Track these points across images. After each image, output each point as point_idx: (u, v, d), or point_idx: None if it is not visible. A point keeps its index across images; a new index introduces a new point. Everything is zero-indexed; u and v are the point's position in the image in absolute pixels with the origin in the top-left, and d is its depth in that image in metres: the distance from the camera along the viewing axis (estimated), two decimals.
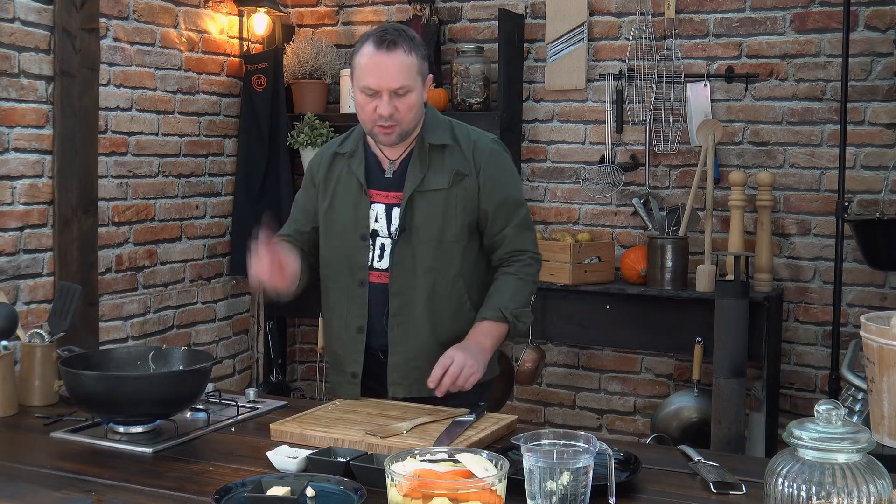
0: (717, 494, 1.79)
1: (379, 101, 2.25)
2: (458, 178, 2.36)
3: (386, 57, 2.24)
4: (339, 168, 2.44)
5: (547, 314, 4.04)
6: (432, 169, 2.36)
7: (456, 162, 2.37)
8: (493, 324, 2.37)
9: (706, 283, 3.76)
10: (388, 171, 2.40)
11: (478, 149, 2.39)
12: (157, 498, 1.74)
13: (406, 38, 2.27)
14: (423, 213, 2.35)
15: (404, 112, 2.27)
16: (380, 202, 2.39)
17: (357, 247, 2.39)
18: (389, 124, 2.28)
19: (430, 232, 2.35)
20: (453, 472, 1.53)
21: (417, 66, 2.28)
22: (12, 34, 3.35)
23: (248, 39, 4.51)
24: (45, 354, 2.35)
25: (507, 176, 2.44)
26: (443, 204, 2.35)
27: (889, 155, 3.76)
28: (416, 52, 2.28)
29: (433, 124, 2.39)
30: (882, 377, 2.19)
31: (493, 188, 2.39)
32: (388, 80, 2.24)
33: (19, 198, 3.42)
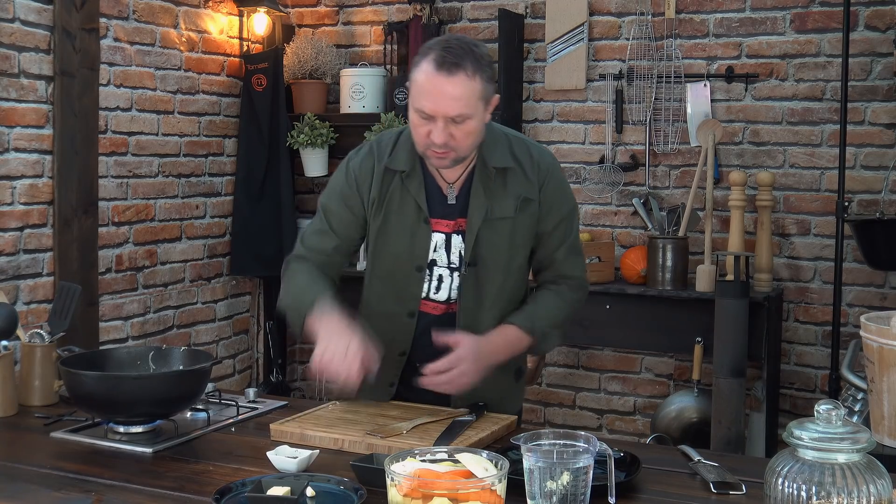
0: (717, 494, 1.78)
1: (433, 126, 2.03)
2: (525, 204, 2.19)
3: (445, 80, 2.00)
4: (394, 187, 2.20)
5: None
6: (497, 195, 2.17)
7: (520, 186, 2.18)
8: (519, 333, 2.21)
9: (706, 283, 3.76)
10: (449, 197, 2.20)
11: (541, 170, 2.21)
12: (157, 498, 1.74)
13: (471, 58, 2.02)
14: (489, 245, 2.19)
15: (461, 139, 2.05)
16: (440, 231, 2.21)
17: (411, 278, 2.22)
18: (443, 151, 2.06)
19: (496, 263, 2.20)
20: (453, 472, 1.53)
21: (480, 90, 2.03)
22: (12, 34, 3.35)
23: (248, 39, 4.51)
24: (45, 354, 2.35)
25: (564, 195, 2.27)
26: (509, 233, 2.19)
27: (889, 155, 3.76)
28: (481, 73, 2.03)
29: (492, 143, 2.18)
30: (882, 377, 2.19)
31: (552, 209, 2.23)
32: (445, 107, 2.01)
33: (19, 198, 3.42)
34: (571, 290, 2.32)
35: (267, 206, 4.37)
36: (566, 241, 2.28)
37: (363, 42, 4.61)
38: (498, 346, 2.20)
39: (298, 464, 1.84)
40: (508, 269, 2.23)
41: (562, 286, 2.31)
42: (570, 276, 2.31)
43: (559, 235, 2.27)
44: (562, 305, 2.30)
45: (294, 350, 4.85)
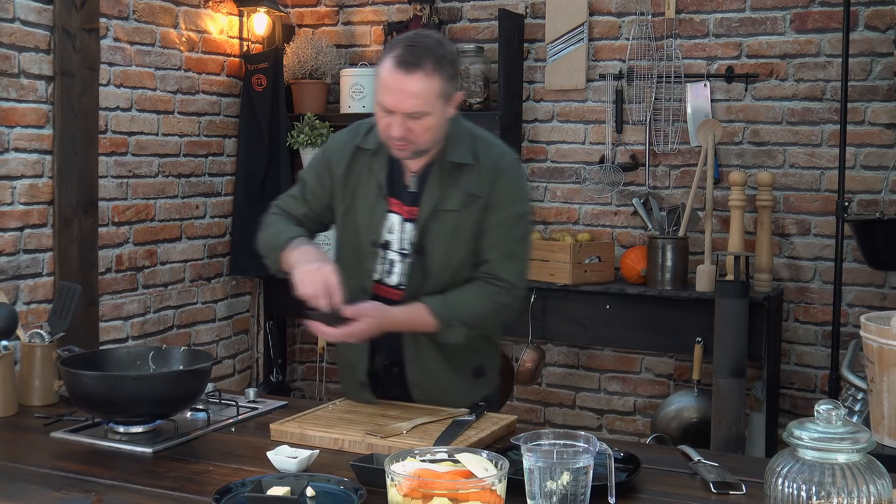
0: (717, 494, 1.79)
1: (393, 120, 2.13)
2: (471, 200, 2.24)
3: (404, 78, 2.10)
4: (361, 166, 2.31)
5: (547, 314, 4.04)
6: (449, 189, 2.25)
7: (472, 183, 2.25)
8: (427, 315, 2.22)
9: (706, 283, 3.76)
10: (411, 184, 2.28)
11: (496, 169, 2.26)
12: (157, 498, 1.74)
13: (432, 57, 2.11)
14: (434, 235, 2.25)
15: (419, 133, 2.15)
16: (397, 212, 2.29)
17: (367, 253, 2.30)
18: (402, 143, 2.17)
19: (440, 254, 2.26)
20: (453, 472, 1.53)
21: (439, 88, 2.12)
22: (12, 34, 3.35)
23: (248, 39, 4.51)
24: (45, 354, 2.35)
25: (514, 198, 2.29)
26: (453, 226, 2.25)
27: (889, 155, 3.76)
28: (441, 72, 2.11)
29: (456, 139, 2.25)
30: (882, 377, 2.19)
31: (496, 207, 2.26)
32: (403, 104, 2.11)
33: (19, 198, 3.42)
34: (500, 293, 2.27)
35: (267, 206, 4.33)
36: (504, 243, 2.28)
37: (363, 42, 4.61)
38: (400, 319, 2.24)
39: (298, 464, 1.84)
40: (449, 262, 2.27)
41: (490, 286, 2.28)
42: (500, 279, 2.27)
43: (497, 235, 2.27)
44: (484, 304, 2.27)
45: (294, 350, 4.85)
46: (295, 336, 4.86)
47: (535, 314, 4.03)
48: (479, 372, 2.42)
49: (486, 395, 2.42)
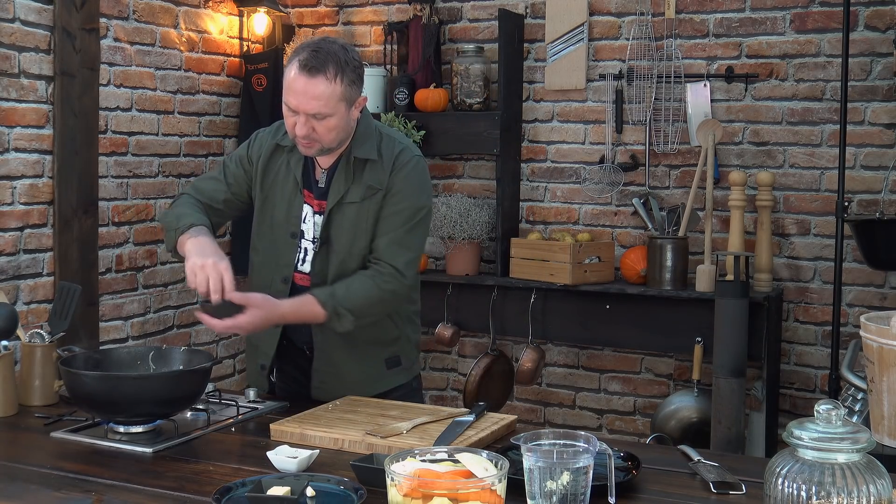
0: (717, 494, 1.79)
1: (297, 119, 2.26)
2: (371, 192, 2.37)
3: (306, 81, 2.23)
4: (279, 162, 2.45)
5: (547, 314, 4.04)
6: (353, 183, 2.38)
7: (374, 176, 2.37)
8: (315, 305, 2.31)
9: (706, 283, 3.76)
10: (320, 180, 2.42)
11: (396, 163, 2.39)
12: (157, 498, 1.74)
13: (333, 62, 2.24)
14: (338, 226, 2.38)
15: (322, 133, 2.27)
16: (309, 203, 2.42)
17: (286, 244, 2.43)
18: (306, 142, 2.29)
19: (342, 244, 2.38)
20: (453, 472, 1.53)
21: (341, 93, 2.25)
22: (12, 34, 3.35)
23: (248, 39, 4.51)
24: (45, 354, 2.35)
25: (410, 191, 2.40)
26: (355, 217, 2.37)
27: (889, 155, 3.76)
28: (343, 77, 2.24)
29: (363, 136, 2.39)
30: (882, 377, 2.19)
31: (392, 198, 2.38)
32: (306, 105, 2.24)
33: (19, 198, 3.42)
34: (386, 280, 2.36)
35: None
36: (394, 232, 2.38)
37: (363, 42, 4.61)
38: (289, 312, 2.32)
39: (298, 464, 1.84)
40: (351, 251, 2.39)
41: (377, 274, 2.36)
42: (387, 265, 2.36)
43: (389, 224, 2.38)
44: (371, 293, 2.35)
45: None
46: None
47: (535, 314, 4.04)
48: (395, 362, 2.52)
49: (403, 383, 2.53)
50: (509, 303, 4.12)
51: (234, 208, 2.56)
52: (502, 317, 4.14)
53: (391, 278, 2.37)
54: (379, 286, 2.35)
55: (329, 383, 2.45)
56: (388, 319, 2.48)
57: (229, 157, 2.57)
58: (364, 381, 2.45)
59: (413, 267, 2.42)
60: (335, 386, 2.43)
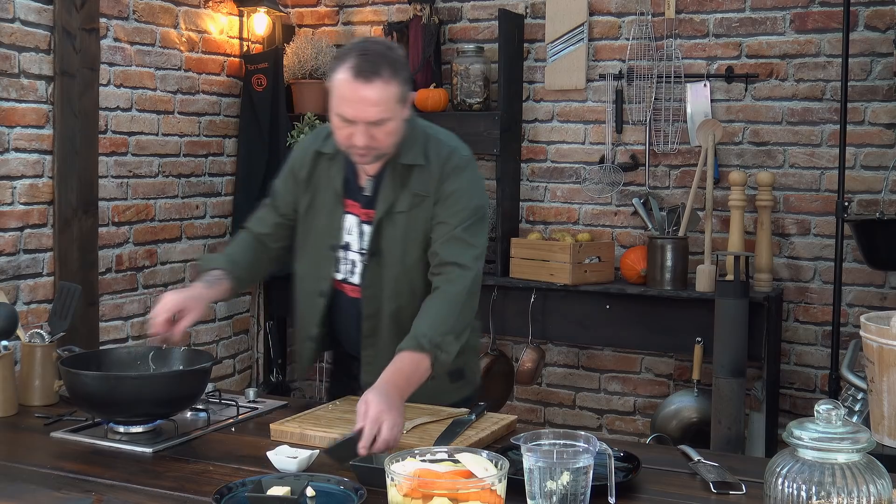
0: (717, 494, 1.79)
1: (354, 130, 2.12)
2: (419, 201, 2.25)
3: (363, 88, 2.08)
4: (321, 170, 2.35)
5: (547, 314, 4.04)
6: (402, 190, 2.26)
7: (420, 183, 2.25)
8: (411, 356, 2.09)
9: (706, 283, 3.76)
10: (366, 188, 2.30)
11: (445, 167, 2.26)
12: (157, 498, 1.74)
13: (387, 63, 2.11)
14: (389, 237, 2.27)
15: (382, 139, 2.15)
16: (354, 214, 2.31)
17: (325, 256, 2.33)
18: (364, 151, 2.16)
19: (393, 256, 2.27)
20: (453, 472, 1.53)
21: (397, 94, 2.12)
22: (12, 34, 3.35)
23: (248, 39, 4.51)
24: (45, 354, 2.35)
25: (464, 193, 2.26)
26: (404, 227, 2.26)
27: (889, 155, 3.76)
28: (397, 77, 2.12)
29: (410, 141, 2.26)
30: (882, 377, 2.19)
31: (445, 202, 2.25)
32: (365, 113, 2.10)
33: (19, 198, 3.42)
34: (454, 283, 2.19)
35: None
36: (453, 231, 2.22)
37: None
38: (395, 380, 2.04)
39: (298, 464, 1.84)
40: (404, 263, 2.28)
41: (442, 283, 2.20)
42: (451, 263, 2.20)
43: (445, 227, 2.24)
44: (446, 307, 2.18)
45: (294, 350, 4.85)
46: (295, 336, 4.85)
47: (535, 314, 4.03)
48: (458, 375, 2.38)
49: (466, 396, 2.40)
50: (509, 303, 4.11)
51: (286, 229, 2.43)
52: (502, 317, 4.14)
53: (458, 278, 2.20)
54: (451, 296, 2.18)
55: None
56: None
57: (276, 179, 2.47)
58: (425, 396, 2.20)
59: (478, 260, 2.25)
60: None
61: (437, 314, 2.16)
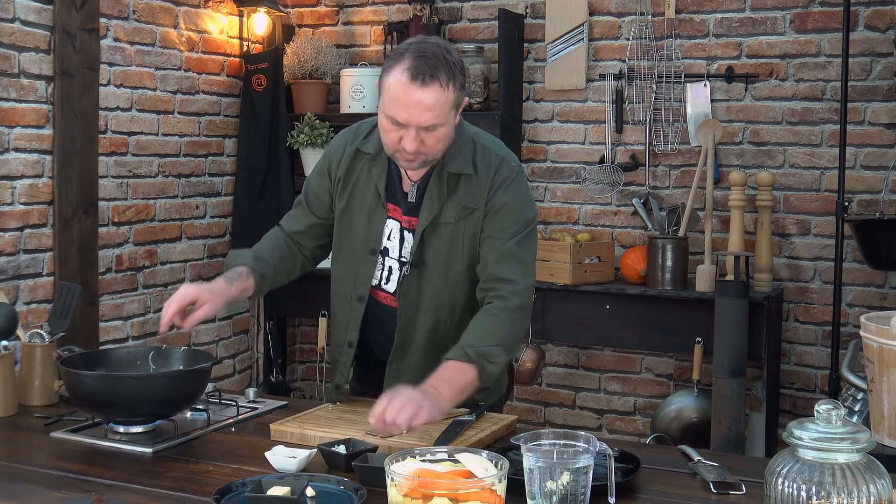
0: (717, 494, 1.79)
1: (405, 134, 2.05)
2: (467, 213, 2.18)
3: (420, 92, 2.00)
4: (360, 168, 2.25)
5: (547, 314, 4.04)
6: (448, 200, 2.18)
7: (468, 194, 2.18)
8: (456, 365, 2.06)
9: (706, 283, 3.76)
10: (410, 194, 2.22)
11: (494, 178, 2.18)
12: (157, 498, 1.74)
13: (445, 68, 2.02)
14: (431, 248, 2.20)
15: (431, 146, 2.07)
16: (396, 219, 2.24)
17: (364, 260, 2.26)
18: (413, 156, 2.09)
19: (436, 268, 2.21)
20: (453, 472, 1.53)
21: (453, 99, 2.05)
22: (12, 34, 3.35)
23: (248, 39, 4.51)
24: (45, 354, 2.35)
25: (514, 206, 2.19)
26: (450, 239, 2.19)
27: (889, 155, 3.77)
28: (454, 82, 2.04)
29: (458, 148, 2.17)
30: (882, 377, 2.19)
31: (496, 216, 2.18)
32: (418, 118, 2.02)
33: (19, 198, 3.42)
34: (504, 300, 2.14)
35: (267, 206, 4.36)
36: (501, 246, 2.17)
37: (363, 42, 4.61)
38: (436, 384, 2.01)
39: (298, 464, 1.84)
40: (447, 276, 2.21)
41: (493, 299, 2.16)
42: (501, 279, 2.15)
43: (495, 241, 2.18)
44: (494, 322, 2.13)
45: (294, 350, 4.85)
46: (295, 336, 4.86)
47: (535, 314, 4.01)
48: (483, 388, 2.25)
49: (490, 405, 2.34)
50: None
51: (321, 228, 2.36)
52: None
53: (512, 295, 2.14)
54: (501, 310, 2.13)
55: None
56: None
57: (310, 174, 2.38)
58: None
59: (529, 277, 2.20)
60: None
61: (486, 327, 2.12)
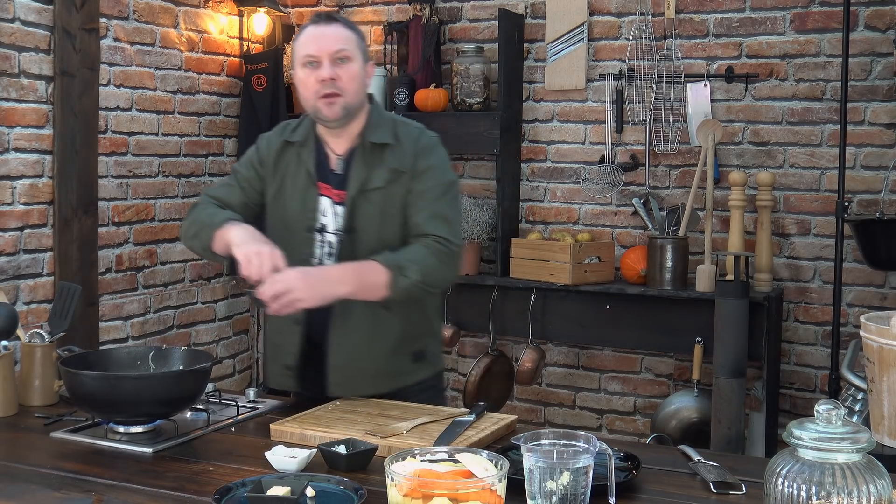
0: (717, 494, 1.78)
1: (320, 70, 2.27)
2: (396, 176, 2.32)
3: (325, 27, 2.29)
4: (289, 157, 2.42)
5: (547, 314, 4.04)
6: (374, 168, 2.33)
7: (395, 160, 2.33)
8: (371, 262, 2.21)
9: (706, 283, 3.76)
10: (336, 167, 2.37)
11: (418, 146, 2.36)
12: (157, 498, 1.74)
13: (345, 20, 2.35)
14: (364, 214, 2.32)
15: (347, 80, 2.27)
16: (328, 196, 2.36)
17: (302, 239, 2.36)
18: (331, 91, 2.26)
19: (370, 232, 2.32)
20: (453, 472, 1.53)
21: (357, 40, 2.32)
22: (12, 34, 3.35)
23: (248, 39, 4.52)
24: (45, 354, 2.35)
25: (438, 169, 2.36)
26: (381, 203, 2.32)
27: (889, 155, 3.77)
28: (355, 31, 2.33)
29: (376, 123, 2.37)
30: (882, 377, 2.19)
31: (422, 177, 2.33)
32: (328, 45, 2.27)
33: (19, 198, 3.42)
34: (438, 248, 2.28)
35: None
36: (432, 206, 2.31)
37: None
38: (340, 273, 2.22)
39: (298, 464, 1.84)
40: (382, 238, 2.32)
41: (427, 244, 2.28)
42: (430, 235, 2.29)
43: (425, 201, 2.32)
44: (422, 250, 2.27)
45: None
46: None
47: (535, 314, 4.03)
48: (419, 356, 2.43)
49: (426, 378, 2.45)
50: (509, 303, 4.12)
51: (249, 213, 2.47)
52: (502, 317, 4.14)
53: (442, 247, 2.28)
54: (432, 250, 2.26)
55: (350, 380, 2.34)
56: (418, 311, 2.39)
57: (238, 163, 2.54)
58: (387, 375, 2.36)
59: (458, 235, 2.35)
60: (356, 383, 2.34)
61: (410, 250, 2.27)
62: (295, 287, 2.12)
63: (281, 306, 2.13)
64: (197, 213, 2.42)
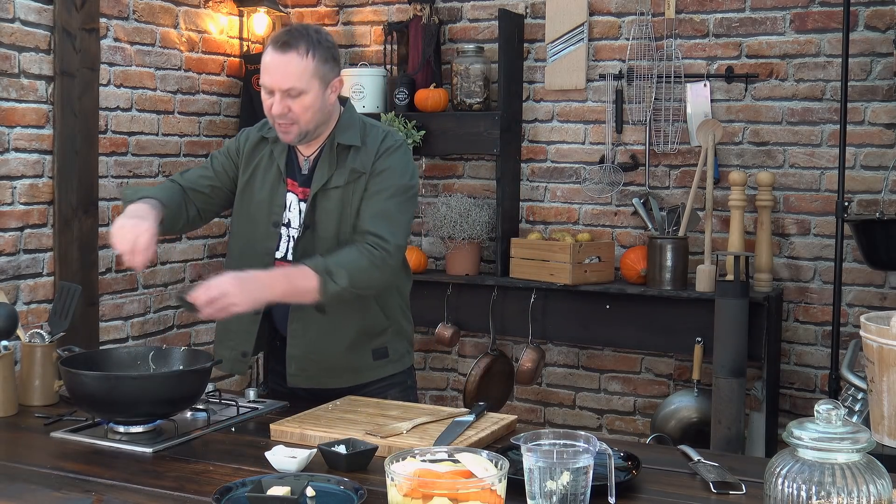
0: (717, 494, 1.79)
1: (273, 99, 2.29)
2: (355, 176, 2.37)
3: (279, 57, 2.27)
4: (263, 152, 2.47)
5: (547, 314, 4.04)
6: (338, 168, 2.38)
7: (358, 161, 2.38)
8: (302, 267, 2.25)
9: (706, 283, 3.76)
10: (304, 168, 2.43)
11: (380, 147, 2.39)
12: (157, 498, 1.74)
13: (306, 40, 2.27)
14: (323, 211, 2.38)
15: (299, 112, 2.29)
16: (294, 193, 2.42)
17: (268, 233, 2.42)
18: (284, 122, 2.30)
19: (328, 229, 2.37)
20: (453, 472, 1.53)
21: (314, 69, 2.27)
22: (12, 34, 3.35)
23: (248, 39, 4.51)
24: (45, 354, 2.35)
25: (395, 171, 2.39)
26: (340, 201, 2.37)
27: (889, 155, 3.77)
28: (316, 54, 2.27)
29: (347, 125, 2.41)
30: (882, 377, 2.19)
31: (377, 178, 2.37)
32: (279, 81, 2.26)
33: (19, 198, 3.42)
34: (372, 249, 2.30)
35: None
36: (380, 206, 2.35)
37: (363, 42, 4.61)
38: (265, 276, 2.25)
39: (298, 464, 1.84)
40: (339, 237, 2.37)
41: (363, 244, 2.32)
42: (374, 234, 2.32)
43: (375, 201, 2.36)
44: (355, 254, 2.29)
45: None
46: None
47: (535, 314, 4.03)
48: (382, 354, 2.49)
49: (391, 375, 2.51)
50: (509, 303, 4.12)
51: (221, 196, 2.54)
52: (502, 317, 4.14)
53: (377, 248, 2.31)
54: (364, 254, 2.29)
55: (307, 371, 2.42)
56: (378, 309, 2.45)
57: (216, 151, 2.62)
58: (347, 370, 2.44)
59: (399, 237, 2.36)
60: (314, 374, 2.42)
61: (343, 253, 2.30)
62: (229, 292, 2.14)
63: (215, 311, 2.15)
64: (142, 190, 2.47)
